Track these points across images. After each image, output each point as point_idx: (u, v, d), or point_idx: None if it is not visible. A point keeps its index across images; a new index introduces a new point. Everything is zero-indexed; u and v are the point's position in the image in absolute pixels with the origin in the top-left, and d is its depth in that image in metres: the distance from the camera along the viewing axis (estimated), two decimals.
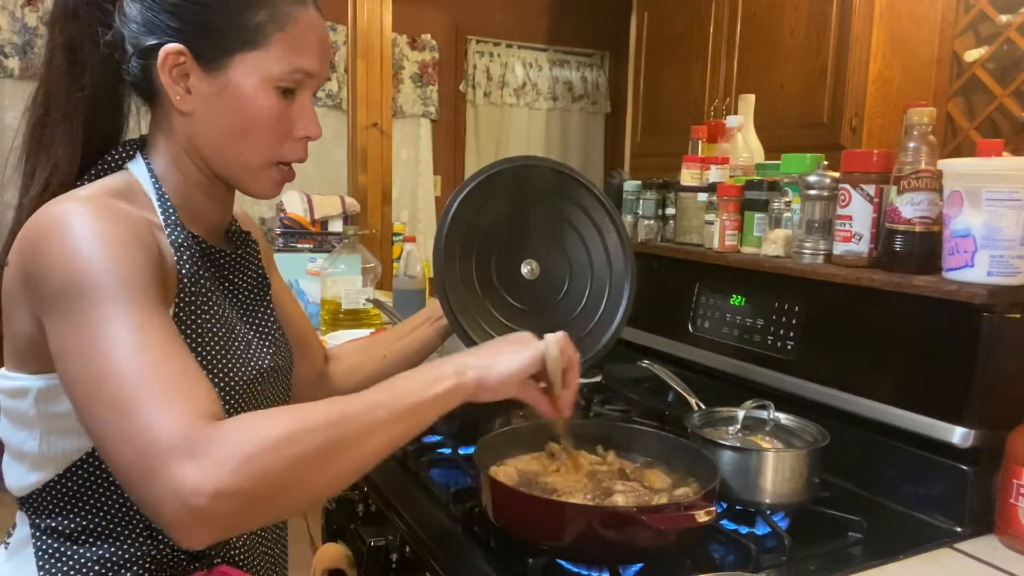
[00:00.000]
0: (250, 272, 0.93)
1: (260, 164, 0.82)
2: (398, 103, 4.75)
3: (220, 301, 0.84)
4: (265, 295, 0.94)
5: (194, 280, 0.80)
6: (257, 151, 0.81)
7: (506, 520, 0.88)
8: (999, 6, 2.66)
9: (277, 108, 0.80)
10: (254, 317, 0.92)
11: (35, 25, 3.76)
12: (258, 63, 0.78)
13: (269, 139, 0.81)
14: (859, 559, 0.90)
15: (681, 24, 3.55)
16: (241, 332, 0.85)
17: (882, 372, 1.06)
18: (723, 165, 1.42)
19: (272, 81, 0.79)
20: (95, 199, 0.73)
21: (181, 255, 0.79)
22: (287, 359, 0.95)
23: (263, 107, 0.79)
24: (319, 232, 2.32)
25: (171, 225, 0.80)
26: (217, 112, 0.79)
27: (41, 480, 0.77)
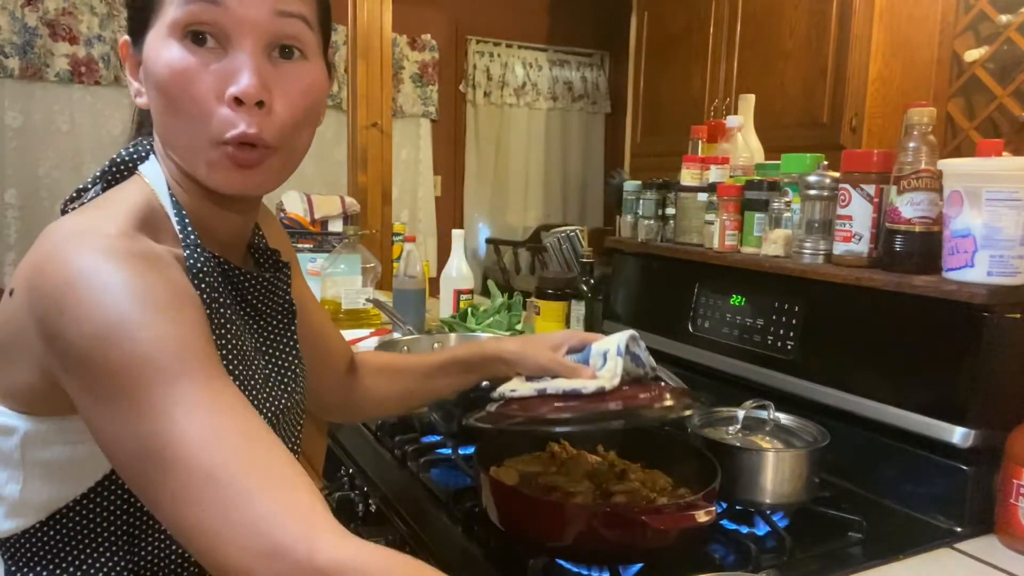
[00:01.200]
0: (276, 298, 0.81)
1: (202, 145, 0.66)
2: (398, 103, 4.75)
3: (240, 331, 0.74)
4: (291, 324, 0.83)
5: (213, 310, 0.70)
6: (188, 125, 0.66)
7: (506, 520, 0.88)
8: (999, 6, 2.66)
9: (185, 60, 0.64)
10: (276, 349, 0.81)
11: (35, 25, 3.76)
12: (162, 19, 0.65)
13: (189, 107, 0.65)
14: (859, 559, 0.90)
15: (681, 24, 3.55)
16: (259, 367, 0.76)
17: (882, 372, 1.06)
18: (723, 165, 1.42)
19: (171, 28, 0.64)
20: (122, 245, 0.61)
21: (200, 282, 0.69)
22: (303, 392, 0.85)
23: (167, 62, 0.64)
24: (319, 232, 2.32)
25: (190, 247, 0.69)
26: (151, 95, 0.67)
27: (20, 527, 0.69)
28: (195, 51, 0.64)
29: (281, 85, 0.67)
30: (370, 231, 2.69)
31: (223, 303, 0.72)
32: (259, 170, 0.68)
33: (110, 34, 3.93)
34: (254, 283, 0.77)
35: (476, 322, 1.79)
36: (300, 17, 0.67)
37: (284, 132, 0.68)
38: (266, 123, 0.66)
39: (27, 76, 3.78)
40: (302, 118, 0.70)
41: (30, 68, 3.77)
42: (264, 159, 0.68)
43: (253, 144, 0.66)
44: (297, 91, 0.68)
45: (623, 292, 1.61)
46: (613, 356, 0.91)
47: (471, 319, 1.80)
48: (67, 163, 3.92)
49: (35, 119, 3.86)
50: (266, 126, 0.66)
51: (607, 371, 0.89)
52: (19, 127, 3.83)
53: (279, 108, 0.67)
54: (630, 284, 1.60)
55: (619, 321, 1.59)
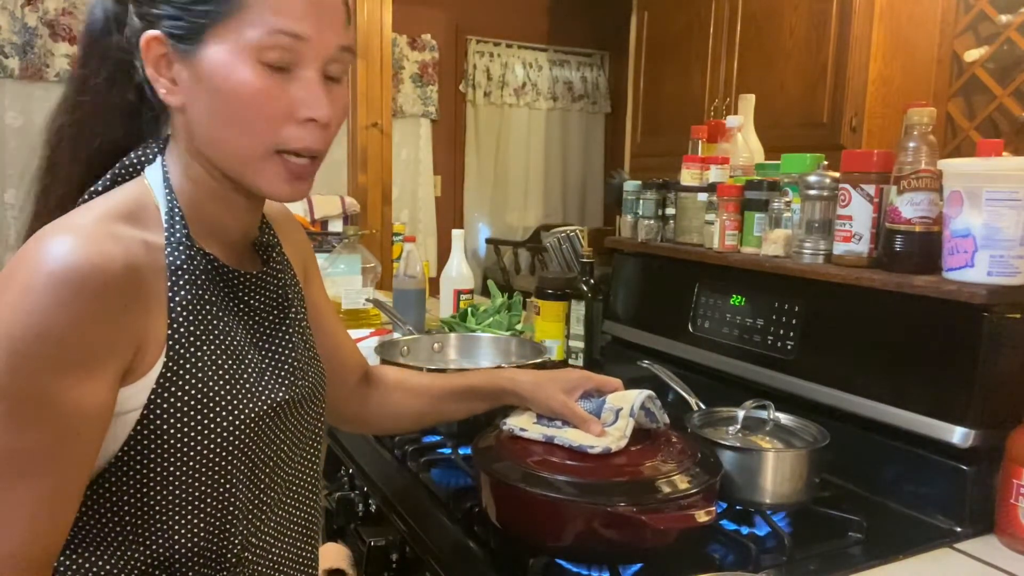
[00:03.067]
0: (268, 292, 0.83)
1: (258, 154, 0.71)
2: (398, 103, 4.75)
3: (230, 328, 0.76)
4: (285, 317, 0.84)
5: (193, 306, 0.72)
6: (249, 138, 0.70)
7: (506, 520, 0.88)
8: (999, 6, 2.66)
9: (261, 82, 0.68)
10: (270, 343, 0.82)
11: (35, 25, 3.76)
12: (232, 32, 0.68)
13: (259, 122, 0.70)
14: (859, 559, 0.90)
15: (681, 24, 3.55)
16: (253, 362, 0.77)
17: (882, 372, 1.06)
18: (723, 165, 1.42)
19: (249, 50, 0.68)
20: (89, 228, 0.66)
21: (178, 279, 0.71)
22: (313, 387, 0.86)
23: (242, 82, 0.68)
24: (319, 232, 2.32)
25: (174, 243, 0.72)
26: (203, 100, 0.70)
27: None
28: (271, 75, 0.69)
29: (332, 106, 0.74)
30: (370, 231, 2.69)
31: (207, 299, 0.74)
32: (309, 179, 0.76)
33: None
34: (243, 280, 0.79)
35: (476, 322, 1.79)
36: (351, 51, 0.75)
37: (329, 145, 0.76)
38: (324, 138, 0.74)
39: (27, 76, 3.78)
40: (337, 132, 0.77)
41: (30, 68, 3.77)
42: (314, 169, 0.76)
43: (313, 157, 0.74)
44: (341, 110, 0.76)
45: (623, 292, 1.61)
46: (625, 415, 0.92)
47: (471, 319, 1.80)
48: None
49: (35, 119, 3.86)
50: (323, 141, 0.74)
51: (616, 430, 0.91)
52: (19, 127, 3.83)
53: (332, 126, 0.74)
54: (630, 284, 1.60)
55: (619, 321, 1.59)
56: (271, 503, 0.80)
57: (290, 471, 0.83)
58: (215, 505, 0.73)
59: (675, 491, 0.83)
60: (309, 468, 0.87)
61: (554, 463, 0.87)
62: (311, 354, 0.89)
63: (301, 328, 0.88)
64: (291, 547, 0.83)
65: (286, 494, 0.83)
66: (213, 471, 0.72)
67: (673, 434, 0.97)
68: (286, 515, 0.83)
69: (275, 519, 0.81)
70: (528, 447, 0.92)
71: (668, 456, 0.90)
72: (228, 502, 0.74)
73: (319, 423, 0.89)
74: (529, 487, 0.83)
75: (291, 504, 0.84)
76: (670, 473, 0.85)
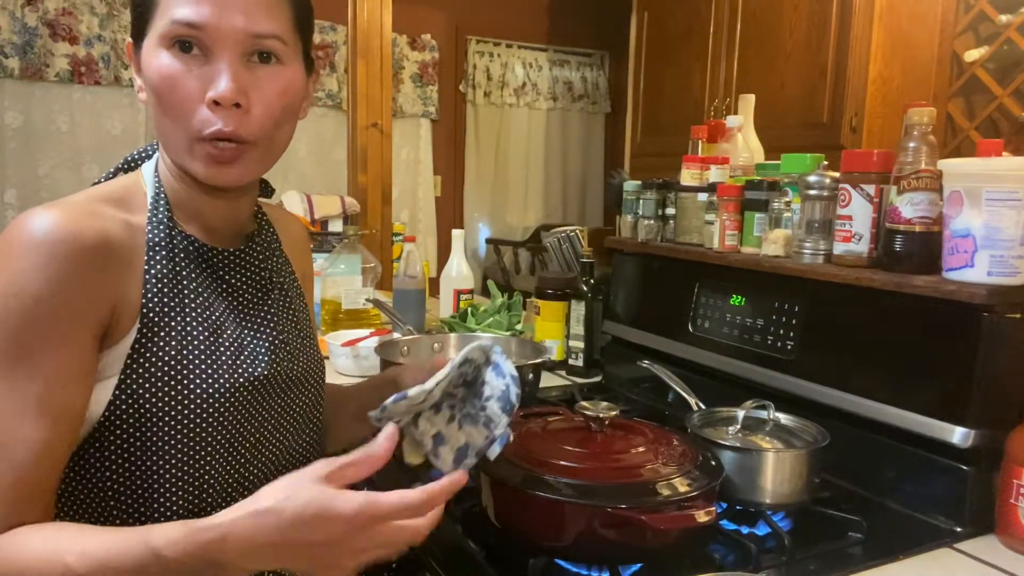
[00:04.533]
0: (249, 271, 0.86)
1: (185, 140, 0.75)
2: (398, 103, 4.75)
3: (209, 303, 0.80)
4: (267, 296, 0.87)
5: (169, 279, 0.76)
6: (173, 125, 0.74)
7: (506, 520, 0.88)
8: (999, 6, 2.66)
9: (171, 69, 0.72)
10: (251, 320, 0.84)
11: (35, 25, 3.76)
12: (153, 27, 0.74)
13: (176, 108, 0.73)
14: (859, 559, 0.90)
15: (681, 24, 3.55)
16: (232, 336, 0.80)
17: (882, 372, 1.06)
18: (723, 165, 1.42)
19: (159, 40, 0.73)
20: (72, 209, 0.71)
21: (155, 254, 0.76)
22: (305, 370, 0.89)
23: (154, 71, 0.73)
24: (319, 232, 2.32)
25: (155, 223, 0.77)
26: (148, 97, 0.76)
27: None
28: (181, 58, 0.73)
29: (258, 88, 0.75)
30: (370, 231, 2.69)
31: (184, 274, 0.78)
32: (237, 164, 0.76)
33: (110, 34, 3.93)
34: (222, 258, 0.83)
35: (476, 322, 1.79)
36: (273, 37, 0.75)
37: (263, 129, 0.76)
38: (243, 122, 0.74)
39: (27, 76, 3.78)
40: (279, 116, 0.78)
41: (30, 68, 3.77)
42: (242, 154, 0.76)
43: (230, 140, 0.74)
44: (273, 93, 0.76)
45: (623, 292, 1.61)
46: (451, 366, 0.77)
47: (471, 319, 1.80)
48: (67, 163, 3.92)
49: (35, 119, 3.86)
50: (243, 124, 0.74)
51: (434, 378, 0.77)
52: (19, 127, 3.83)
53: (257, 108, 0.75)
54: (630, 284, 1.60)
55: (619, 321, 1.59)
56: (256, 481, 0.80)
57: (278, 451, 0.84)
58: (192, 474, 0.75)
59: (675, 493, 0.83)
60: (303, 451, 0.87)
61: (554, 464, 0.87)
62: (304, 341, 0.91)
63: (293, 315, 0.91)
64: None
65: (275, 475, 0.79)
66: (190, 440, 0.74)
67: (674, 436, 0.97)
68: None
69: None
70: (529, 447, 0.91)
71: (669, 459, 0.90)
72: (205, 472, 0.75)
73: (314, 409, 0.90)
74: (529, 488, 0.83)
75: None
76: (670, 476, 0.85)
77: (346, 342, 1.65)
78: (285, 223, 0.99)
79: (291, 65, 0.78)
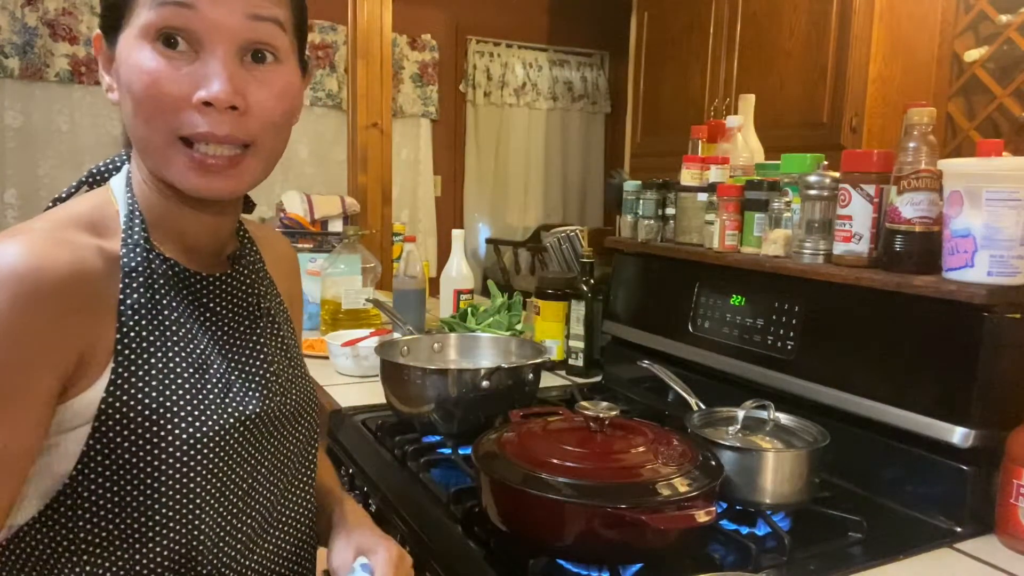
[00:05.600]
0: (236, 298, 0.77)
1: (160, 144, 0.66)
2: (398, 103, 4.75)
3: (193, 335, 0.71)
4: (255, 326, 0.78)
5: (147, 310, 0.68)
6: (149, 125, 0.65)
7: (506, 520, 0.88)
8: (999, 6, 2.66)
9: (155, 63, 0.64)
10: (239, 353, 0.76)
11: (35, 25, 3.76)
12: (134, 17, 0.65)
13: (154, 108, 0.64)
14: (859, 559, 0.90)
15: (681, 24, 3.55)
16: (218, 372, 0.72)
17: (882, 372, 1.06)
18: (723, 165, 1.42)
19: (143, 30, 0.64)
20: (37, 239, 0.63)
21: (131, 281, 0.67)
22: (298, 405, 0.81)
23: (133, 67, 0.64)
24: (319, 232, 2.32)
25: (130, 245, 0.68)
26: (123, 93, 0.67)
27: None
28: (166, 54, 0.64)
29: (255, 89, 0.67)
30: (370, 231, 2.69)
31: (164, 303, 0.70)
32: (232, 173, 0.68)
33: None
34: (206, 284, 0.74)
35: (476, 322, 1.79)
36: (274, 21, 0.68)
37: (263, 133, 0.69)
38: (240, 124, 0.66)
39: (27, 76, 3.78)
40: (279, 120, 0.70)
41: (30, 68, 3.77)
42: (239, 162, 0.68)
43: (223, 143, 0.66)
44: (272, 95, 0.68)
45: (623, 292, 1.61)
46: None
47: (471, 319, 1.80)
48: (67, 163, 3.92)
49: (35, 119, 3.86)
50: (241, 128, 0.66)
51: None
52: (19, 127, 3.83)
53: (255, 111, 0.67)
54: (630, 284, 1.60)
55: (619, 321, 1.59)
56: (248, 531, 0.74)
57: (272, 495, 0.77)
58: (179, 530, 0.67)
59: (675, 493, 0.83)
60: (298, 494, 0.81)
61: (555, 464, 0.87)
62: (296, 371, 0.84)
63: (282, 343, 0.82)
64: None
65: (269, 522, 0.77)
66: (175, 491, 0.66)
67: (674, 436, 0.97)
68: (272, 546, 0.77)
69: (258, 550, 0.75)
70: (529, 447, 0.91)
71: (669, 459, 0.90)
72: (193, 526, 0.68)
73: (308, 447, 0.82)
74: (529, 488, 0.83)
75: (276, 534, 0.78)
76: (670, 476, 0.85)
77: (346, 342, 1.65)
78: (269, 242, 0.90)
79: (288, 64, 0.71)
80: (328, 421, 1.41)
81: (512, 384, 1.22)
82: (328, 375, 1.66)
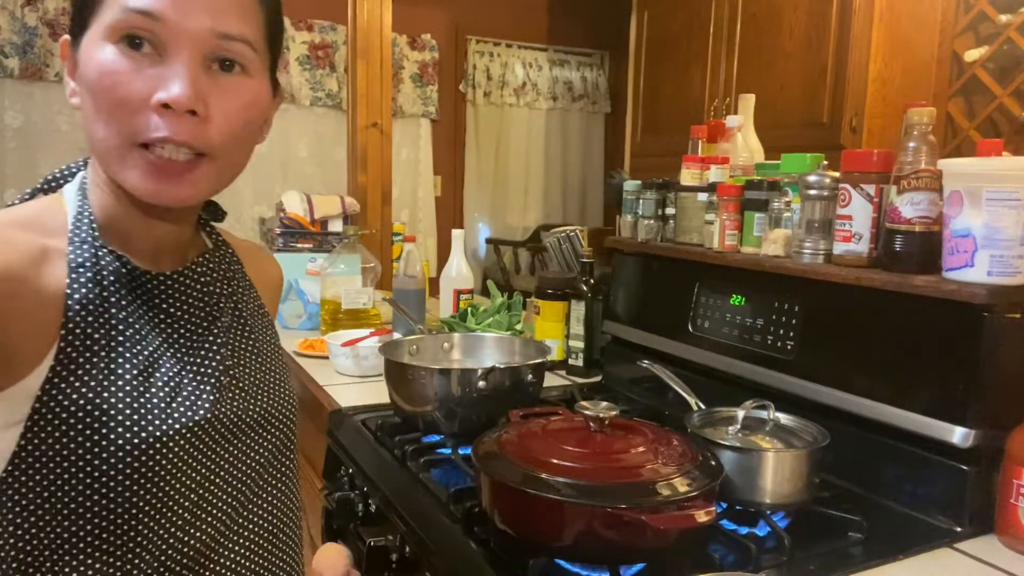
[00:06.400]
0: (190, 298, 0.74)
1: (116, 145, 0.64)
2: (398, 103, 4.75)
3: (142, 336, 0.68)
4: (211, 326, 0.75)
5: (95, 306, 0.66)
6: (106, 127, 0.64)
7: (506, 520, 0.88)
8: (999, 6, 2.66)
9: (115, 64, 0.62)
10: (192, 355, 0.72)
11: (35, 25, 3.76)
12: (98, 20, 0.64)
13: (112, 108, 0.63)
14: (859, 559, 0.90)
15: (681, 24, 3.55)
16: (168, 374, 0.69)
17: (882, 372, 1.06)
18: (723, 165, 1.42)
19: (105, 32, 0.63)
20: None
21: (79, 276, 0.65)
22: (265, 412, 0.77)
23: (97, 66, 0.63)
24: (319, 232, 2.32)
25: (77, 243, 0.67)
26: (82, 99, 0.66)
27: None
28: (129, 54, 0.63)
29: (218, 97, 0.65)
30: (370, 231, 2.69)
31: (113, 301, 0.67)
32: (187, 179, 0.66)
33: None
34: (158, 283, 0.72)
35: (476, 322, 1.79)
36: (242, 41, 0.66)
37: (223, 143, 0.66)
38: (199, 131, 0.64)
39: (27, 76, 3.78)
40: (240, 131, 0.68)
41: (30, 68, 3.77)
42: (195, 168, 0.66)
43: (177, 146, 0.64)
44: (236, 104, 0.67)
45: (623, 292, 1.61)
46: None
47: (471, 319, 1.80)
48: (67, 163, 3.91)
49: (35, 119, 3.86)
50: (199, 134, 0.64)
51: None
52: (19, 127, 3.83)
53: (216, 119, 0.65)
54: (630, 284, 1.60)
55: (619, 321, 1.59)
56: (199, 545, 0.69)
57: (230, 510, 0.72)
58: (115, 542, 0.64)
59: (675, 493, 0.83)
60: (267, 509, 0.76)
61: (555, 464, 0.87)
62: (269, 378, 0.80)
63: (254, 347, 0.80)
64: None
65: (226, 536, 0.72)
66: (110, 501, 0.63)
67: (674, 436, 0.97)
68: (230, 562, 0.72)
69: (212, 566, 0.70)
70: (529, 447, 0.91)
71: (669, 459, 0.90)
72: (131, 540, 0.64)
73: (280, 457, 0.78)
74: (529, 488, 0.83)
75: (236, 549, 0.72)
76: (670, 476, 0.85)
77: (346, 342, 1.65)
78: (255, 257, 0.88)
79: (257, 78, 0.69)
80: (328, 421, 1.41)
81: (515, 384, 1.22)
82: (328, 375, 1.66)
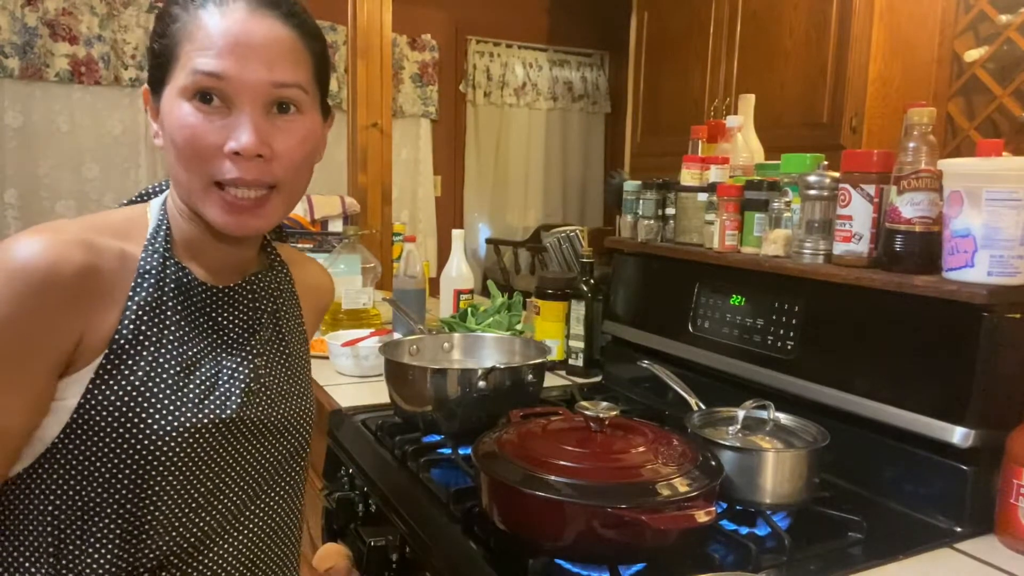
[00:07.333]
0: (238, 309, 0.84)
1: (198, 187, 0.75)
2: (398, 103, 4.75)
3: (188, 338, 0.79)
4: (251, 336, 0.85)
5: (151, 307, 0.76)
6: (189, 173, 0.75)
7: (506, 520, 0.88)
8: (999, 6, 2.66)
9: (193, 120, 0.73)
10: (230, 359, 0.82)
11: (35, 25, 3.76)
12: (175, 78, 0.74)
13: (192, 156, 0.74)
14: (859, 559, 0.90)
15: (681, 24, 3.55)
16: (206, 374, 0.79)
17: (882, 372, 1.06)
18: (723, 165, 1.42)
19: (180, 91, 0.74)
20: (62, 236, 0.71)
21: (143, 280, 0.76)
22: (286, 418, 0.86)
23: (174, 120, 0.74)
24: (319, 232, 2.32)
25: (151, 251, 0.77)
26: (166, 143, 0.77)
27: None
28: (202, 108, 0.73)
29: (279, 137, 0.76)
30: (370, 231, 2.69)
31: (170, 305, 0.78)
32: (258, 213, 0.77)
33: (110, 34, 3.93)
34: (213, 295, 0.82)
35: (476, 322, 1.79)
36: (295, 86, 0.76)
37: (286, 175, 0.77)
38: (266, 170, 0.75)
39: (27, 76, 3.78)
40: (300, 163, 0.79)
41: (30, 68, 3.77)
42: (264, 202, 0.77)
43: (249, 186, 0.75)
44: (294, 141, 0.77)
45: (623, 292, 1.61)
46: None
47: (471, 319, 1.80)
48: (67, 163, 3.92)
49: (35, 119, 3.86)
50: (266, 172, 0.75)
51: None
52: (19, 127, 3.83)
53: (280, 156, 0.76)
54: (630, 284, 1.60)
55: (619, 321, 1.59)
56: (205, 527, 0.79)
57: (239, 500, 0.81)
58: (133, 511, 0.73)
59: (675, 493, 0.83)
60: (271, 505, 0.85)
61: (554, 464, 0.87)
62: (296, 388, 0.89)
63: (287, 359, 0.89)
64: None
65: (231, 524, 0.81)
66: (137, 476, 0.73)
67: (674, 436, 0.97)
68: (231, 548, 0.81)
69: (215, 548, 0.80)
70: (529, 447, 0.91)
71: (669, 459, 0.89)
72: (148, 512, 0.74)
73: (292, 460, 0.88)
74: (529, 488, 0.83)
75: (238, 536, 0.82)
76: (670, 476, 0.85)
77: (346, 342, 1.65)
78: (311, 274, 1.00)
79: (310, 114, 0.79)
80: (328, 421, 1.41)
81: (515, 384, 1.22)
82: (328, 375, 1.66)
